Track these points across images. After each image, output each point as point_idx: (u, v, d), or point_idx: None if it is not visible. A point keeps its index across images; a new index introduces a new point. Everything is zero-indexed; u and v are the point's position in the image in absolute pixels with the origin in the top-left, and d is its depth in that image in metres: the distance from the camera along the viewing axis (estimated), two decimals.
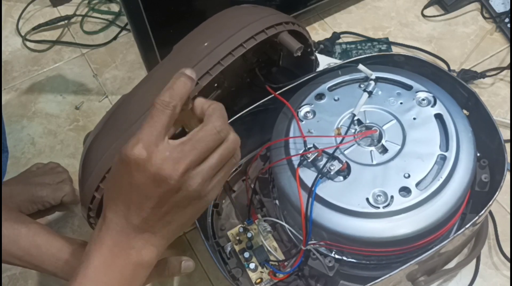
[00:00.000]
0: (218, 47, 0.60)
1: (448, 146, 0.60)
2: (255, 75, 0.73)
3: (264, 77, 0.73)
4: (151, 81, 0.63)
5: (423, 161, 0.59)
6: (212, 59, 0.60)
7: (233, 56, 0.60)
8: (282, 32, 0.64)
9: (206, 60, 0.60)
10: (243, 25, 0.62)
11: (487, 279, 0.72)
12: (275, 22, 0.63)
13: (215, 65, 0.60)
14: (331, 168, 0.58)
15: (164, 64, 0.64)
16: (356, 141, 0.62)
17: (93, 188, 0.58)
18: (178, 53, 0.64)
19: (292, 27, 0.65)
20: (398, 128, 0.62)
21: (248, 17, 0.63)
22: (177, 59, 0.63)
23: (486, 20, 1.00)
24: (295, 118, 0.64)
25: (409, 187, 0.57)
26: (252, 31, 0.61)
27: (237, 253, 0.69)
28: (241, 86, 0.75)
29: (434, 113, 0.63)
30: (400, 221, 0.56)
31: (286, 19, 0.65)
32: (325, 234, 0.59)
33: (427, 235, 0.58)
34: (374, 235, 0.57)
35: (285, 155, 0.62)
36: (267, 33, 0.62)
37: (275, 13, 0.66)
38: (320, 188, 0.58)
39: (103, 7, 1.07)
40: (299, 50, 0.64)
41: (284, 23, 0.64)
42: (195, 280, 0.76)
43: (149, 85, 0.63)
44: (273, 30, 0.63)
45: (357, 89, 0.67)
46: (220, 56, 0.60)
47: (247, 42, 0.61)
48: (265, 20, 0.63)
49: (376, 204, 0.57)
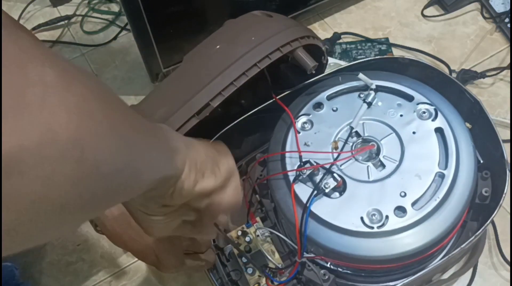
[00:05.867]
0: (231, 66, 0.60)
1: (448, 163, 0.59)
2: (263, 73, 0.72)
3: (272, 73, 0.72)
4: (161, 96, 0.63)
5: (421, 179, 0.58)
6: (225, 79, 0.59)
7: (246, 76, 0.60)
8: (297, 48, 0.63)
9: (219, 79, 0.59)
10: (257, 42, 0.61)
11: (487, 279, 0.72)
12: (290, 39, 0.62)
13: (228, 86, 0.59)
14: (326, 186, 0.58)
15: (174, 79, 0.63)
16: (354, 157, 0.61)
17: None
18: (190, 67, 0.63)
19: (307, 41, 0.64)
20: (397, 143, 0.61)
21: (262, 32, 0.62)
22: (188, 76, 0.63)
23: (486, 20, 0.99)
24: (293, 128, 0.63)
25: (404, 207, 0.57)
26: (266, 49, 0.60)
27: (236, 256, 0.70)
28: (248, 83, 0.74)
29: (435, 127, 0.62)
30: (395, 241, 0.56)
31: (301, 33, 0.64)
32: (321, 249, 0.59)
33: (423, 252, 0.58)
34: (368, 254, 0.56)
35: (282, 168, 0.61)
36: (282, 51, 0.61)
37: (290, 25, 0.65)
38: (315, 205, 0.58)
39: (103, 7, 1.06)
40: (314, 68, 0.63)
41: (299, 39, 0.63)
42: (195, 280, 0.77)
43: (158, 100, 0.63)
44: (288, 47, 0.62)
45: (357, 98, 0.65)
46: (233, 77, 0.59)
47: (261, 62, 0.60)
48: (280, 36, 0.62)
49: (370, 223, 0.56)
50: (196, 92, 0.59)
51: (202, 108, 0.59)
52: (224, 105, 0.77)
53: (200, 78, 0.59)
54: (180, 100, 0.59)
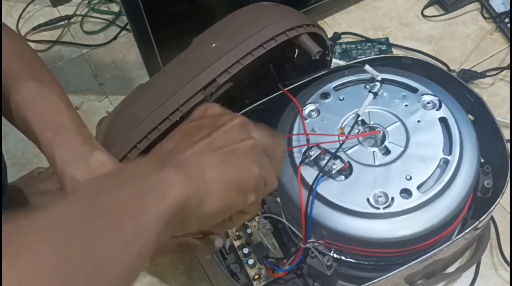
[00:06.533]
0: (239, 46, 0.61)
1: (452, 150, 0.60)
2: (268, 70, 0.74)
3: (277, 72, 0.73)
4: (168, 75, 0.65)
5: (426, 164, 0.59)
6: (232, 58, 0.60)
7: (252, 55, 0.61)
8: (302, 35, 0.64)
9: (225, 58, 0.61)
10: (264, 25, 0.63)
11: (487, 279, 0.72)
12: (296, 24, 0.64)
13: (235, 64, 0.61)
14: (332, 167, 0.58)
15: (183, 57, 0.65)
16: (359, 141, 0.62)
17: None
18: (199, 47, 0.64)
19: (312, 29, 0.66)
20: (402, 130, 0.62)
21: (269, 17, 0.64)
22: (196, 54, 0.64)
23: (486, 20, 1.00)
24: (300, 115, 0.64)
25: (410, 189, 0.57)
26: (273, 32, 0.62)
27: (236, 249, 0.70)
28: (253, 79, 0.76)
29: (439, 116, 0.63)
30: (400, 222, 0.56)
31: (307, 21, 0.66)
32: (325, 232, 0.59)
33: (426, 238, 0.58)
34: (373, 235, 0.57)
35: (288, 152, 0.62)
36: (288, 35, 0.63)
37: (296, 14, 0.67)
38: (321, 187, 0.58)
39: (103, 7, 1.07)
40: (318, 53, 0.65)
41: (305, 25, 0.65)
42: (195, 280, 0.76)
43: (165, 79, 0.64)
44: (294, 32, 0.64)
45: (363, 89, 0.67)
46: (240, 55, 0.61)
47: (268, 43, 0.62)
48: (286, 21, 0.64)
49: (376, 204, 0.57)
50: (203, 69, 0.60)
51: (208, 84, 0.60)
52: (229, 103, 0.79)
53: (208, 58, 0.61)
54: (187, 77, 0.60)
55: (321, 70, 0.71)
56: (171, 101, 0.61)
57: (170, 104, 0.61)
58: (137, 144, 0.61)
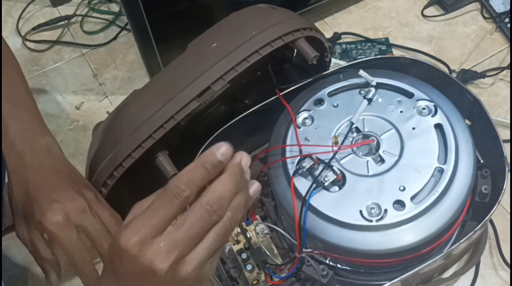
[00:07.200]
0: (234, 52, 0.60)
1: (447, 158, 0.59)
2: (267, 70, 0.73)
3: (276, 72, 0.72)
4: (163, 81, 0.64)
5: (420, 174, 0.58)
6: (227, 64, 0.60)
7: (248, 62, 0.60)
8: (299, 39, 0.63)
9: (220, 64, 0.60)
10: (260, 30, 0.62)
11: (487, 279, 0.72)
12: (292, 29, 0.63)
13: (230, 71, 0.60)
14: (325, 179, 0.58)
15: (177, 63, 0.64)
16: (353, 151, 0.61)
17: (100, 182, 0.60)
18: (193, 52, 0.64)
19: (309, 33, 0.65)
20: (397, 138, 0.61)
21: (265, 21, 0.63)
22: (191, 60, 0.63)
23: (486, 20, 0.99)
24: (294, 124, 0.64)
25: (403, 200, 0.57)
26: (269, 37, 0.61)
27: (235, 253, 0.70)
28: (252, 79, 0.75)
29: (434, 123, 0.62)
30: (393, 234, 0.56)
31: (304, 24, 0.65)
32: (319, 243, 0.59)
33: (421, 248, 0.58)
34: (366, 247, 0.57)
35: (282, 163, 0.62)
36: (284, 40, 0.62)
37: (293, 17, 0.66)
38: (314, 198, 0.58)
39: (103, 7, 1.06)
40: (315, 58, 0.63)
41: (301, 29, 0.64)
42: None
43: (160, 85, 0.64)
44: (290, 37, 0.63)
45: (357, 95, 0.66)
46: (235, 62, 0.60)
47: (263, 48, 0.61)
48: (283, 25, 0.63)
49: (369, 216, 0.56)
50: (198, 76, 0.59)
51: (203, 91, 0.59)
52: (229, 104, 0.78)
53: (203, 64, 0.60)
54: (182, 84, 0.60)
55: (317, 74, 0.70)
56: (165, 109, 0.61)
57: (164, 112, 0.60)
58: (131, 152, 0.61)
